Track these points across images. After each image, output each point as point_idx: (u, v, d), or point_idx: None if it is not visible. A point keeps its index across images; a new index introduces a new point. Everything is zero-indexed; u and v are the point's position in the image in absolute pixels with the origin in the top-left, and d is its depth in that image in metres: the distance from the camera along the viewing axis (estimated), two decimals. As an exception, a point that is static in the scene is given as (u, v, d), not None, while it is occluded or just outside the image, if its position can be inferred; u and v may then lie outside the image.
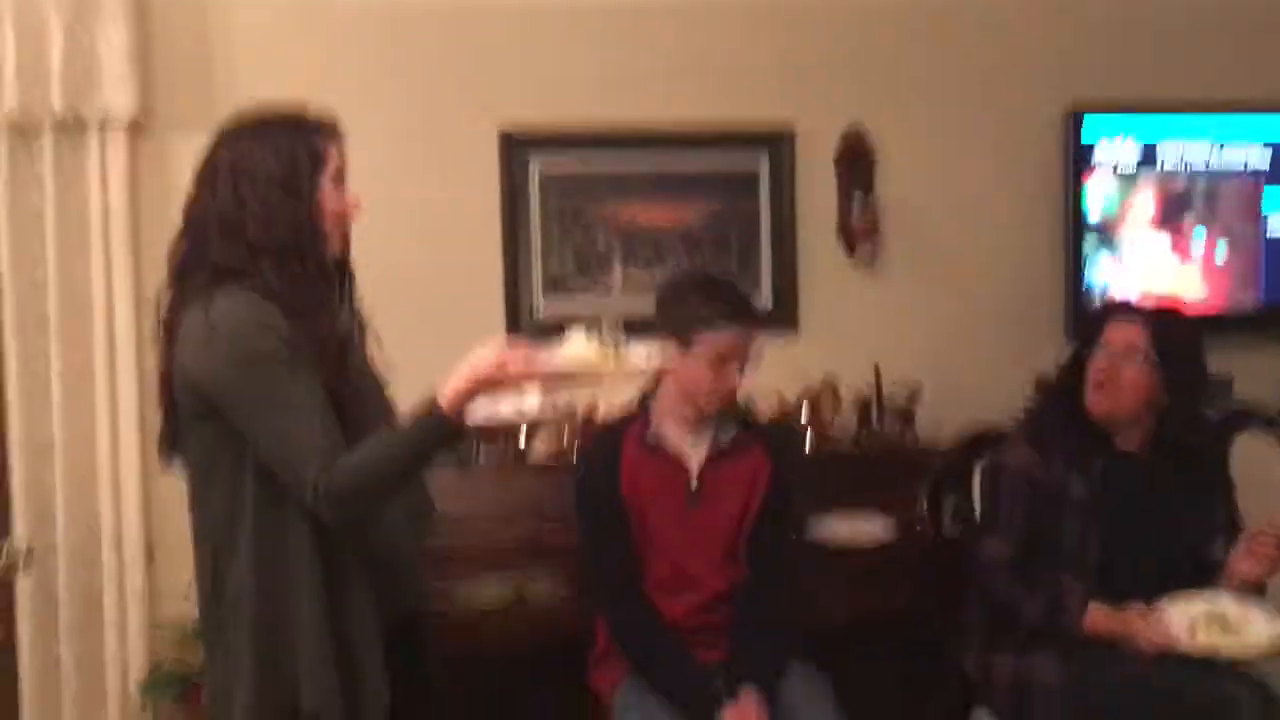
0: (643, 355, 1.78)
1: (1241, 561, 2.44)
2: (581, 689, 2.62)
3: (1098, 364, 2.50)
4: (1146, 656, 2.34)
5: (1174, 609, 2.37)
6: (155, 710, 3.03)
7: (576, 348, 1.71)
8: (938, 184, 3.59)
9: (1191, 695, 2.32)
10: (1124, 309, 2.63)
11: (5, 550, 0.87)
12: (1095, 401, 2.50)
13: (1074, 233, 3.58)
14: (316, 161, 1.84)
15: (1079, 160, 3.57)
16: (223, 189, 1.81)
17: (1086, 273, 3.58)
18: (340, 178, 1.87)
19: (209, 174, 1.84)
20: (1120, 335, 2.49)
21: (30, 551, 0.88)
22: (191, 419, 1.83)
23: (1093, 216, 3.59)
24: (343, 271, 1.94)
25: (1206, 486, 2.58)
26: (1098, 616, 2.40)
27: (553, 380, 1.73)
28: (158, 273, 3.17)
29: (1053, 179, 3.62)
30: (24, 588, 3.10)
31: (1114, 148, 3.58)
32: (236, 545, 1.81)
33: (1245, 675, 2.37)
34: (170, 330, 1.84)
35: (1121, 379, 2.48)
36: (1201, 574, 2.49)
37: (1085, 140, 3.56)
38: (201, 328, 1.77)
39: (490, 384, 1.71)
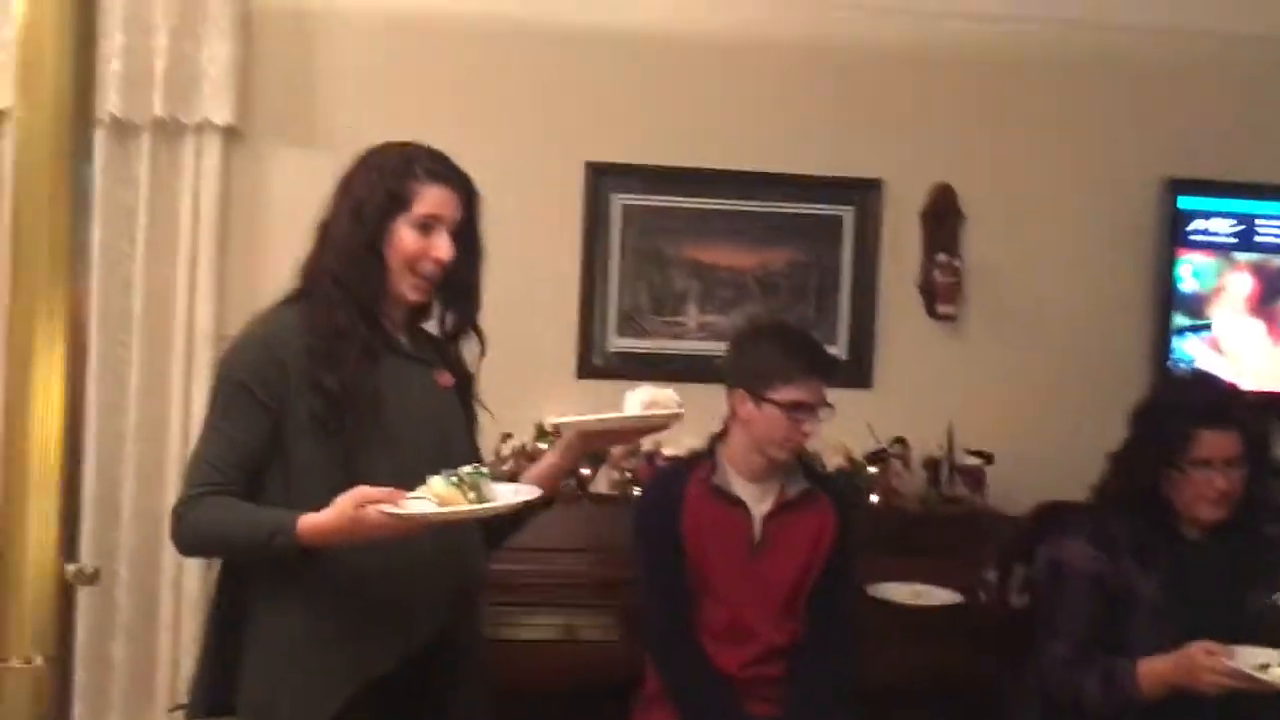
0: (507, 491, 1.80)
1: None
2: (626, 731, 2.58)
3: (1211, 482, 2.42)
4: (1209, 696, 2.23)
5: (1241, 652, 2.27)
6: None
7: (436, 489, 1.71)
8: (1025, 247, 3.54)
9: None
10: (1218, 417, 2.51)
11: (73, 572, 0.87)
12: (1205, 514, 2.44)
13: (1163, 307, 3.50)
14: (396, 201, 1.87)
15: (1173, 234, 3.49)
16: (331, 206, 1.92)
17: (1174, 349, 3.49)
18: (429, 224, 1.88)
19: (335, 190, 1.93)
20: (1221, 448, 2.41)
21: (96, 572, 0.88)
22: None
23: (1185, 290, 3.50)
24: (458, 330, 2.01)
25: (1274, 569, 2.49)
26: (1151, 667, 2.30)
27: (415, 526, 1.72)
28: (241, 275, 3.22)
29: (1144, 251, 3.55)
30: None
31: (1210, 223, 3.50)
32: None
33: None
34: None
35: (1233, 491, 2.42)
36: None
37: (1181, 214, 3.48)
38: (242, 328, 1.92)
39: (354, 530, 1.70)
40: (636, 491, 3.13)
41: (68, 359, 0.87)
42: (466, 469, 1.73)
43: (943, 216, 3.46)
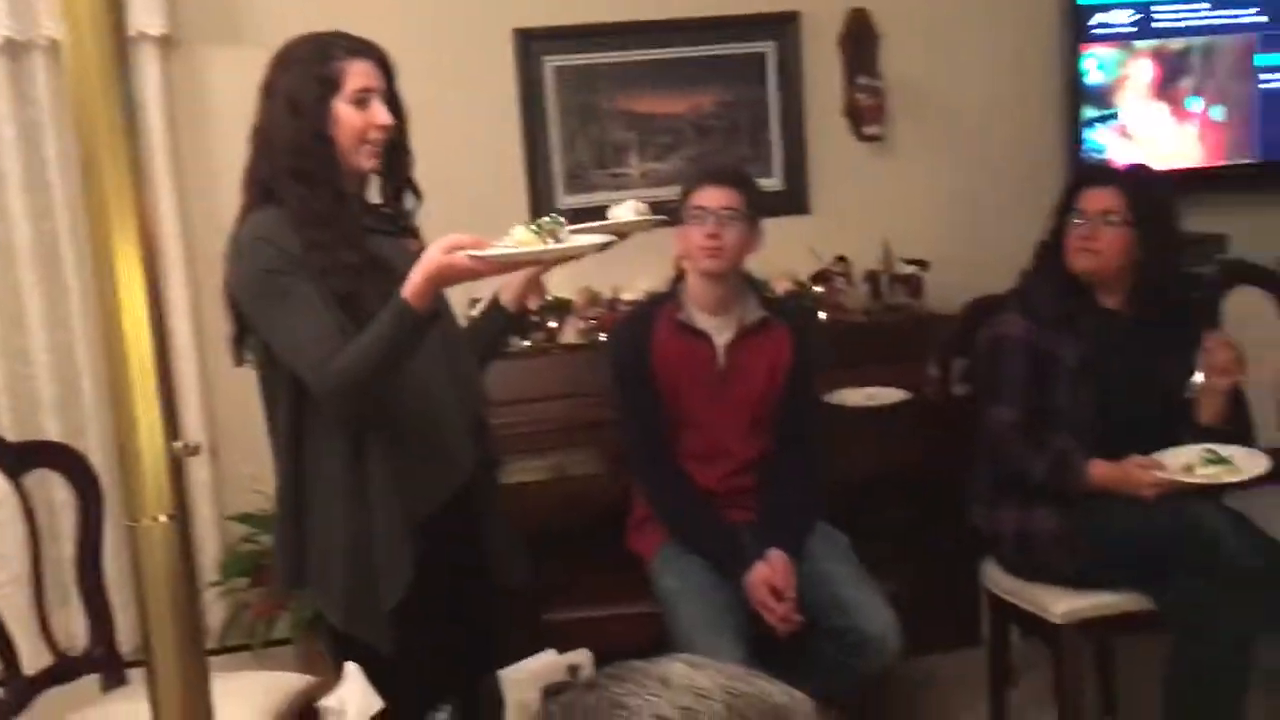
0: (583, 241, 1.91)
1: (1209, 378, 2.58)
2: (622, 553, 2.83)
3: (1077, 231, 2.65)
4: (1148, 500, 2.52)
5: (1168, 456, 2.56)
6: (231, 588, 3.27)
7: (519, 236, 1.84)
8: (939, 61, 3.68)
9: (1173, 529, 2.50)
10: (1096, 175, 2.76)
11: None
12: (1076, 263, 2.65)
13: (1072, 101, 3.69)
14: (328, 85, 1.96)
15: (1075, 29, 3.65)
16: (262, 111, 2.00)
17: (1086, 141, 3.70)
18: (363, 98, 1.99)
19: (259, 96, 2.02)
20: (1095, 201, 2.64)
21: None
22: (246, 326, 2.01)
23: (1091, 83, 3.68)
24: (399, 187, 2.10)
25: (1189, 339, 2.66)
26: (1100, 470, 2.57)
27: (499, 268, 1.86)
28: (194, 181, 3.28)
29: (1050, 50, 3.71)
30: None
31: (1109, 15, 3.66)
32: (281, 442, 2.02)
33: (1224, 507, 2.57)
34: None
35: (1099, 241, 2.63)
36: (1185, 418, 2.64)
37: (1081, 9, 3.64)
38: (233, 246, 1.98)
39: (444, 275, 1.84)
40: (603, 338, 3.33)
41: (144, 261, 1.01)
42: (545, 218, 1.86)
43: (860, 40, 3.60)
